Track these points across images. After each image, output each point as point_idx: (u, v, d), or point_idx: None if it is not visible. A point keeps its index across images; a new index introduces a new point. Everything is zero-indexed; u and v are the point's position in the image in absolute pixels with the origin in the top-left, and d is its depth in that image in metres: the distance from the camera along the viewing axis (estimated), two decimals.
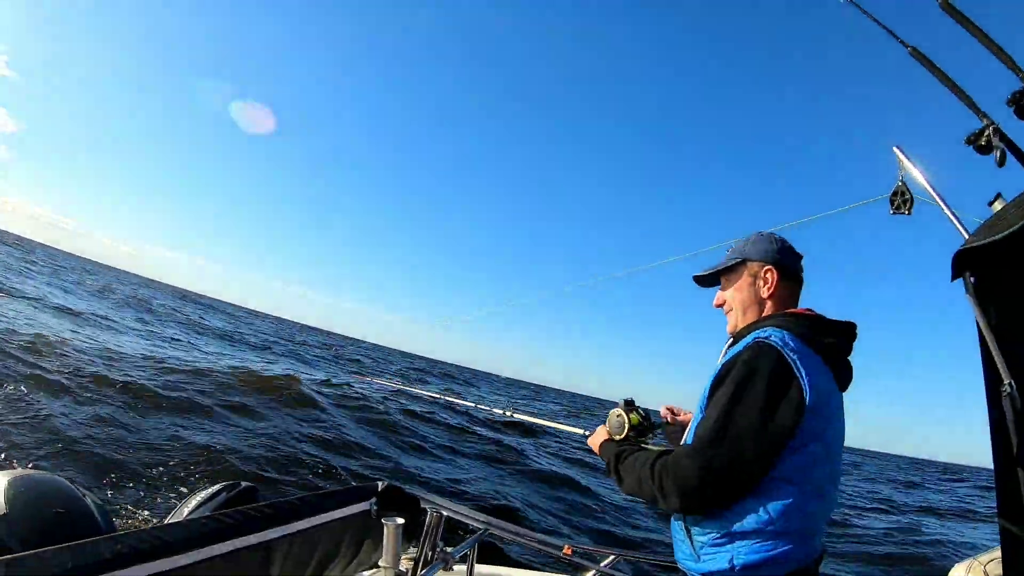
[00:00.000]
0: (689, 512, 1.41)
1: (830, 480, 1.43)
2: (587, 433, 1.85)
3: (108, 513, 1.96)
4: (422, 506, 1.90)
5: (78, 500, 1.88)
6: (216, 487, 2.23)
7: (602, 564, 2.35)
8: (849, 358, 1.54)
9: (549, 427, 2.54)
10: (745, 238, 1.69)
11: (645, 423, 1.70)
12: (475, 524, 2.12)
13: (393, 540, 1.50)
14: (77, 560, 0.99)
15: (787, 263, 1.62)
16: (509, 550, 4.69)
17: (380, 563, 1.53)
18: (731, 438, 1.32)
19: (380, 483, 1.83)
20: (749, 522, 1.34)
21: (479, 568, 2.26)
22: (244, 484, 2.27)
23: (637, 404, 1.74)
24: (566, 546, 2.26)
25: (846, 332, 1.53)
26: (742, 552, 1.35)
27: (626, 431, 1.68)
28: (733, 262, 1.66)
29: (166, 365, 11.65)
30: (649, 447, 1.64)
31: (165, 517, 2.29)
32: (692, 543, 1.43)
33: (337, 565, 1.62)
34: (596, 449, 1.71)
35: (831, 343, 1.48)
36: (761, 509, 1.34)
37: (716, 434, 1.34)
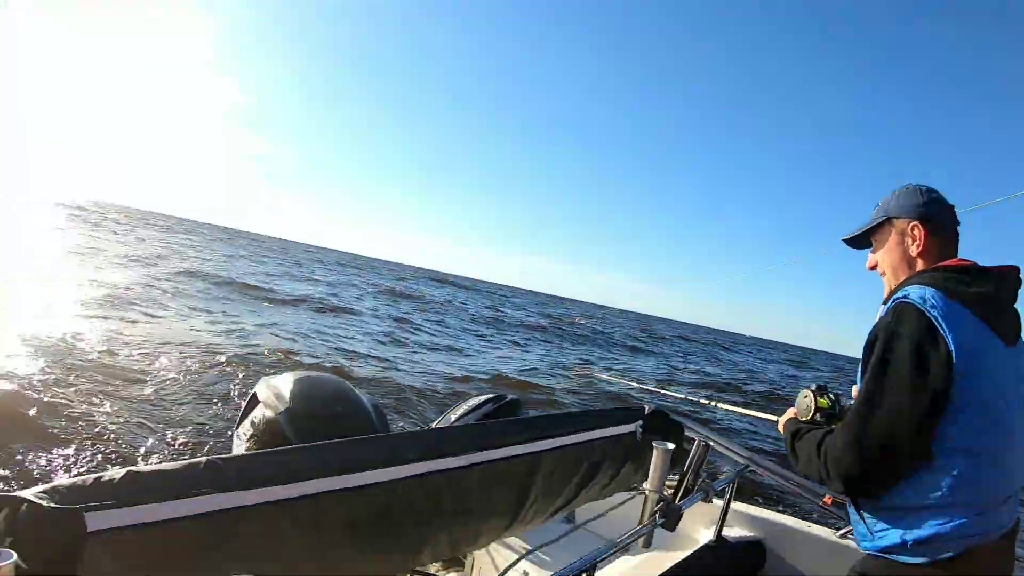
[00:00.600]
0: (852, 492, 1.35)
1: (1008, 445, 1.28)
2: (776, 419, 1.79)
3: (385, 416, 2.06)
4: (686, 434, 1.85)
5: (357, 400, 1.97)
6: (482, 397, 2.32)
7: None
8: (1016, 306, 1.41)
9: (745, 415, 2.57)
10: (891, 193, 1.53)
11: (835, 407, 1.60)
12: (737, 458, 2.04)
13: (661, 464, 1.47)
14: (360, 454, 1.05)
15: (936, 216, 1.47)
16: (766, 491, 4.58)
17: (644, 486, 1.50)
18: (881, 411, 1.24)
19: (647, 406, 1.79)
20: (917, 497, 1.26)
21: (735, 505, 2.19)
22: (510, 396, 2.31)
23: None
24: (828, 496, 2.14)
25: (1006, 278, 1.39)
26: (914, 528, 1.26)
27: (812, 413, 1.60)
28: (878, 221, 1.51)
29: None
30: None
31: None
32: (864, 522, 1.36)
33: (597, 483, 1.61)
34: (782, 430, 1.65)
35: (985, 293, 1.32)
36: (928, 482, 1.24)
37: (865, 408, 1.26)
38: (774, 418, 1.92)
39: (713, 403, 3.10)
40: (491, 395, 2.34)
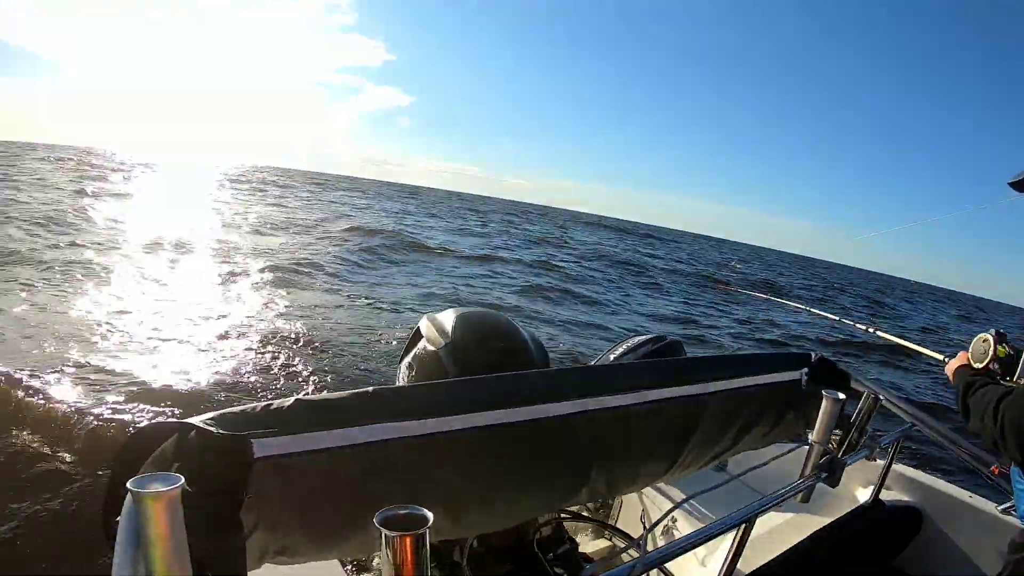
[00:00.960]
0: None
1: None
2: (946, 359, 1.66)
3: (546, 351, 2.03)
4: (852, 385, 1.73)
5: (518, 335, 1.96)
6: (642, 338, 2.27)
7: None
8: None
9: (909, 348, 2.46)
10: None
11: (1016, 357, 1.43)
12: (904, 415, 1.88)
13: (829, 415, 1.40)
14: (521, 389, 1.04)
15: None
16: (929, 450, 4.16)
17: (810, 437, 1.45)
18: None
19: (813, 354, 1.70)
20: None
21: (896, 467, 2.10)
22: (670, 338, 2.22)
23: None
24: (995, 466, 1.94)
25: None
26: None
27: (988, 361, 1.46)
28: None
29: None
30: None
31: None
32: None
33: (759, 430, 1.54)
34: (951, 375, 1.53)
35: None
36: None
37: None
38: (939, 357, 1.81)
39: (871, 329, 2.84)
40: (652, 335, 2.26)
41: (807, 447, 1.48)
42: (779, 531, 1.83)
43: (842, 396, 1.40)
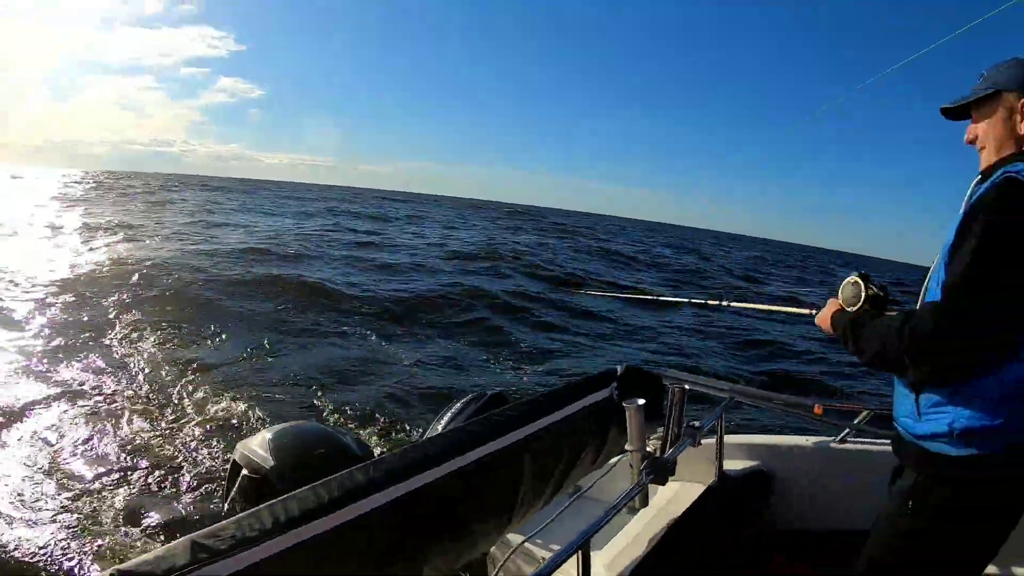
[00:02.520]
0: (932, 361, 1.29)
1: None
2: (813, 312, 1.74)
3: (366, 445, 2.06)
4: (663, 383, 1.85)
5: (335, 438, 1.98)
6: (465, 399, 2.30)
7: (855, 421, 2.21)
8: None
9: (772, 311, 2.40)
10: (1000, 64, 1.45)
11: (883, 296, 1.54)
12: (719, 393, 2.05)
13: (636, 422, 1.48)
14: (340, 490, 1.05)
15: None
16: (757, 418, 4.52)
17: (627, 447, 1.53)
18: (982, 291, 1.19)
19: (619, 367, 1.80)
20: (979, 387, 1.23)
21: (728, 439, 2.18)
22: (491, 392, 2.34)
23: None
24: (816, 405, 2.14)
25: None
26: (963, 416, 1.25)
27: (861, 303, 1.53)
28: (984, 93, 1.43)
29: None
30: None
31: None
32: (917, 401, 1.34)
33: (587, 456, 1.62)
34: (826, 323, 1.57)
35: None
36: (995, 374, 1.22)
37: (966, 287, 1.20)
38: (807, 312, 1.83)
39: (724, 302, 2.72)
40: (473, 395, 2.36)
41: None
42: (636, 540, 1.86)
43: (642, 401, 1.48)
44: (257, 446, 1.90)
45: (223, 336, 8.58)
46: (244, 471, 1.87)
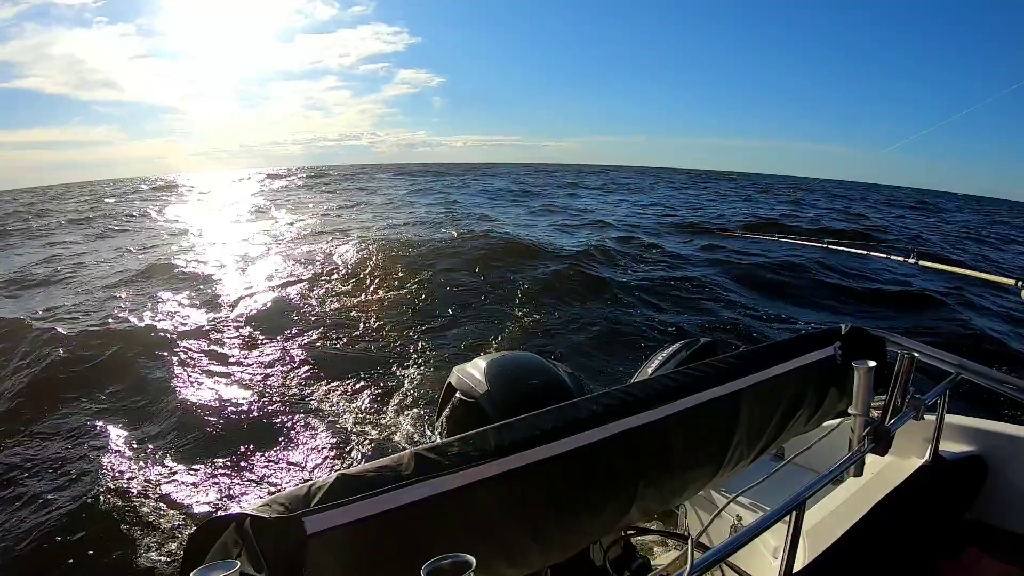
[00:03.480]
0: None
1: None
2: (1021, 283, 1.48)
3: (580, 380, 2.06)
4: (889, 348, 1.73)
5: (551, 371, 1.99)
6: (676, 345, 2.29)
7: None
8: None
9: (970, 276, 2.02)
10: None
11: None
12: (947, 368, 1.89)
13: (864, 385, 1.41)
14: (556, 422, 1.07)
15: None
16: (980, 397, 3.99)
17: (849, 410, 1.46)
18: None
19: (843, 326, 1.71)
20: None
21: (949, 419, 2.06)
22: (703, 339, 2.24)
23: None
24: None
25: None
26: None
27: None
28: None
29: None
30: None
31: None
32: None
33: (802, 415, 1.55)
34: None
35: None
36: None
37: None
38: (1010, 281, 1.68)
39: (912, 260, 2.61)
40: (685, 341, 2.31)
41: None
42: (841, 509, 1.82)
43: (872, 363, 1.40)
44: (473, 370, 1.99)
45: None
46: (458, 394, 1.97)
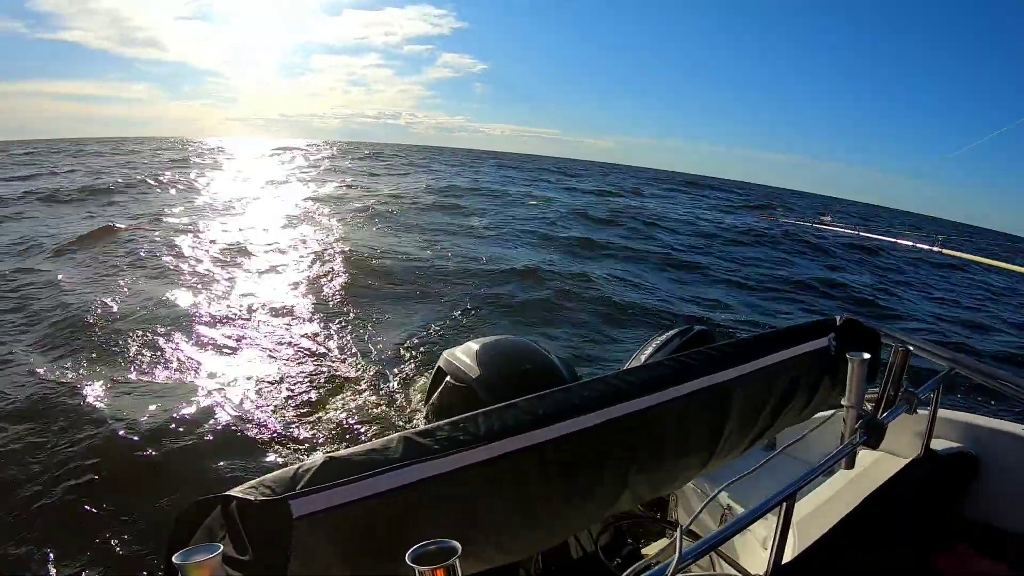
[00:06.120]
0: None
1: None
2: None
3: (572, 366, 2.05)
4: (883, 341, 1.74)
5: (543, 356, 1.98)
6: (670, 332, 2.29)
7: None
8: None
9: (997, 266, 1.93)
10: None
11: None
12: (940, 362, 1.90)
13: (858, 377, 1.43)
14: (547, 408, 1.07)
15: None
16: (972, 396, 4.04)
17: (842, 402, 1.47)
18: None
19: (838, 317, 1.71)
20: None
21: (942, 413, 2.07)
22: (698, 327, 2.23)
23: None
24: None
25: None
26: None
27: None
28: None
29: None
30: None
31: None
32: None
33: (794, 406, 1.56)
34: None
35: None
36: None
37: None
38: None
39: (938, 248, 2.47)
40: (679, 328, 2.31)
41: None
42: (832, 501, 1.85)
43: (867, 355, 1.41)
44: (464, 355, 1.98)
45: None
46: (448, 378, 1.95)
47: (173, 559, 0.61)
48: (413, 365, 6.06)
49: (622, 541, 1.87)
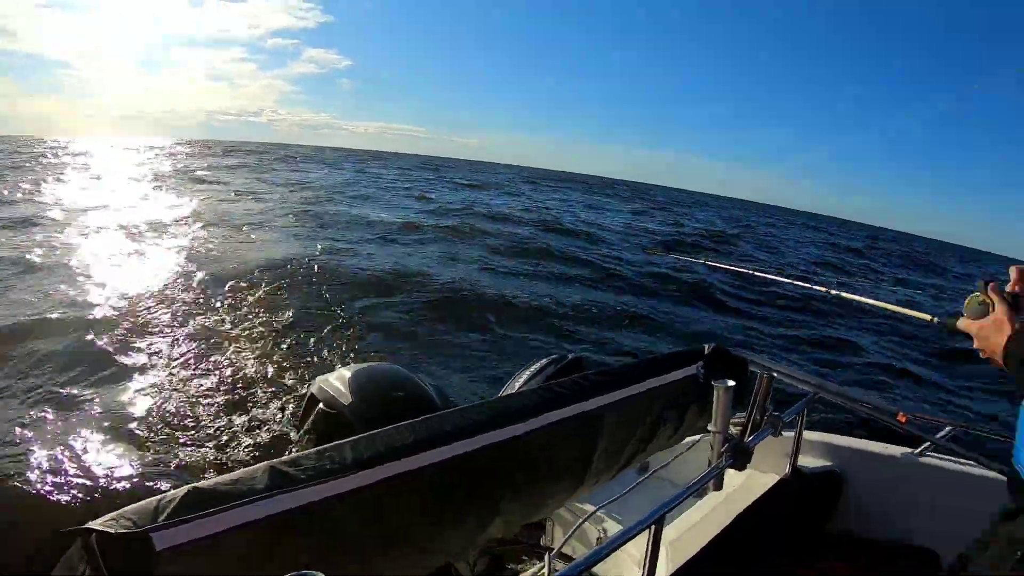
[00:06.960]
0: None
1: None
2: (936, 320, 1.48)
3: (445, 393, 2.07)
4: (750, 368, 1.84)
5: (415, 383, 2.00)
6: (544, 360, 2.34)
7: (938, 435, 2.17)
8: None
9: (885, 310, 2.00)
10: None
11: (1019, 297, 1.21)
12: (805, 387, 2.04)
13: (723, 403, 1.49)
14: (419, 434, 1.08)
15: None
16: (836, 417, 4.45)
17: (709, 427, 1.52)
18: None
19: (707, 346, 1.79)
20: None
21: (809, 435, 2.20)
22: (571, 355, 2.31)
23: None
24: (900, 414, 2.11)
25: None
26: None
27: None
28: None
29: None
30: None
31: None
32: None
33: (664, 431, 1.63)
34: (1000, 348, 1.17)
35: None
36: None
37: None
38: (928, 318, 1.56)
39: (831, 291, 2.34)
40: (554, 356, 2.37)
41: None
42: (703, 521, 1.92)
43: (732, 383, 1.48)
44: (337, 381, 1.95)
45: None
46: (321, 405, 1.92)
47: None
48: (288, 391, 5.78)
49: (499, 566, 1.90)
